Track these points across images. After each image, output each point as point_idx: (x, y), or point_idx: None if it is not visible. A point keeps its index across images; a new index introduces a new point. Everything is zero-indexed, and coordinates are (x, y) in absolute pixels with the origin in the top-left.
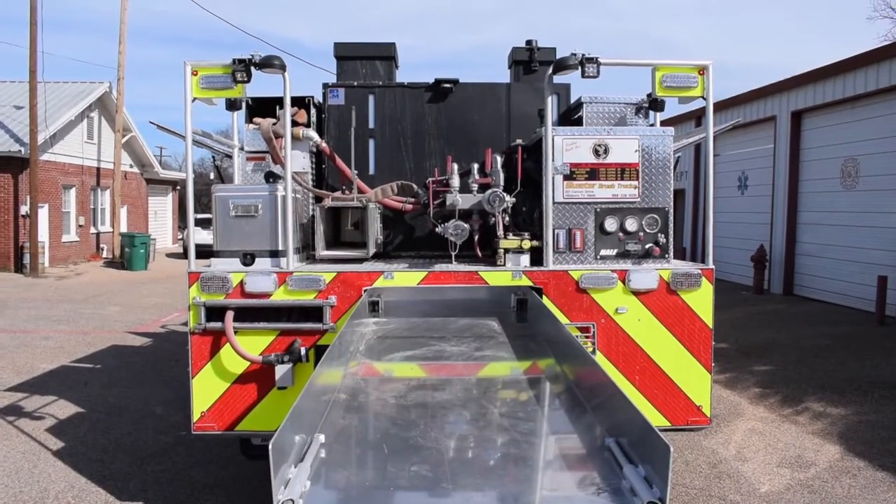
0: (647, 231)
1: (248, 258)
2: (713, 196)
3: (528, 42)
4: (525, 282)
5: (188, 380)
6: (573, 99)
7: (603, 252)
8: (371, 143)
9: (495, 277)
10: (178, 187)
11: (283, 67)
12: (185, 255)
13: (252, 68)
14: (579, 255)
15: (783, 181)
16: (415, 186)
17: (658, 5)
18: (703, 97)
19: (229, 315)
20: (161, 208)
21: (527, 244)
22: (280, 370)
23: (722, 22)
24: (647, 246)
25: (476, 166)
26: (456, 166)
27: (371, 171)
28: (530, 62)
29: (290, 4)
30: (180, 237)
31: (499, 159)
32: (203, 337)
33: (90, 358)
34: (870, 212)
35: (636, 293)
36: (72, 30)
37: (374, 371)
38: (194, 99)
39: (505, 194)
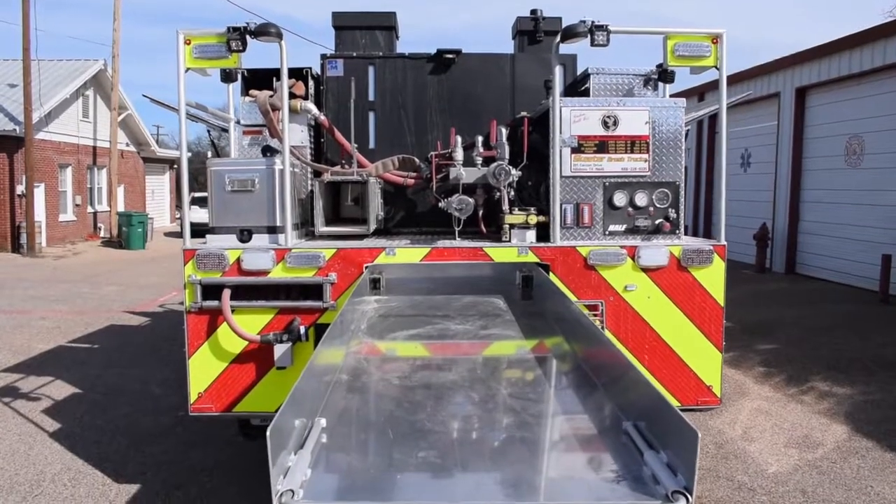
0: (658, 206)
1: (244, 234)
2: (722, 172)
3: (533, 11)
4: (531, 258)
5: (185, 360)
6: (580, 70)
7: (612, 228)
8: (371, 115)
9: (500, 254)
10: (176, 166)
11: (279, 35)
12: (182, 233)
13: (247, 37)
14: (587, 230)
15: (787, 159)
16: (416, 160)
17: None
18: (716, 67)
19: (226, 293)
20: (158, 187)
21: (533, 219)
22: (279, 350)
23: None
24: (657, 221)
25: (480, 139)
26: (459, 139)
27: (371, 144)
28: (535, 32)
29: None
30: (178, 216)
31: (504, 131)
32: (199, 316)
33: (88, 338)
34: (874, 190)
35: (646, 270)
36: (66, 7)
37: (376, 350)
38: (187, 69)
39: (511, 167)
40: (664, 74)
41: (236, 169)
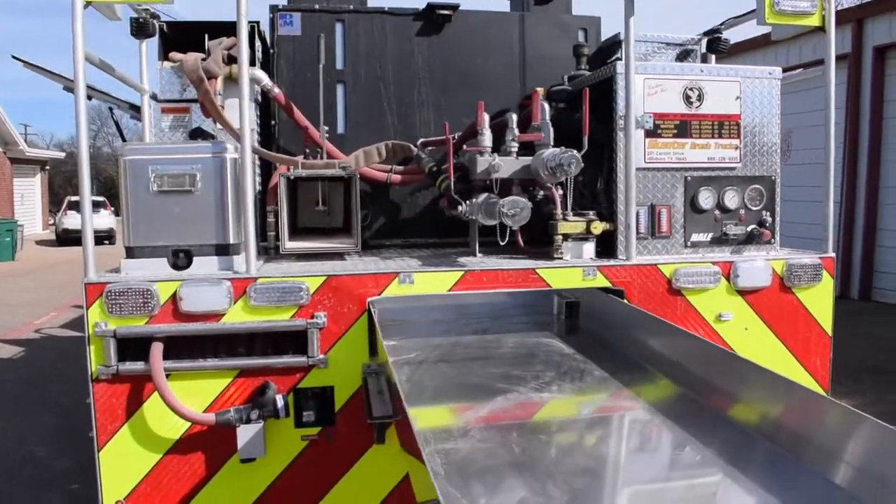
0: (750, 208)
1: (181, 258)
2: (830, 157)
3: None
4: (600, 282)
5: (92, 450)
6: (605, 36)
7: (695, 237)
8: (339, 89)
9: (559, 277)
10: (48, 167)
11: None
12: (57, 241)
13: None
14: (664, 241)
15: (864, 145)
16: (413, 148)
17: None
18: (821, 28)
19: (157, 350)
20: (28, 190)
21: (598, 227)
22: (244, 433)
23: None
24: (749, 228)
25: (514, 118)
26: (487, 117)
27: (339, 128)
28: None
29: None
30: (52, 222)
31: (547, 108)
32: (114, 386)
33: None
34: None
35: (743, 293)
36: None
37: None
38: (87, 4)
39: (579, 156)
40: (713, 44)
41: (167, 158)
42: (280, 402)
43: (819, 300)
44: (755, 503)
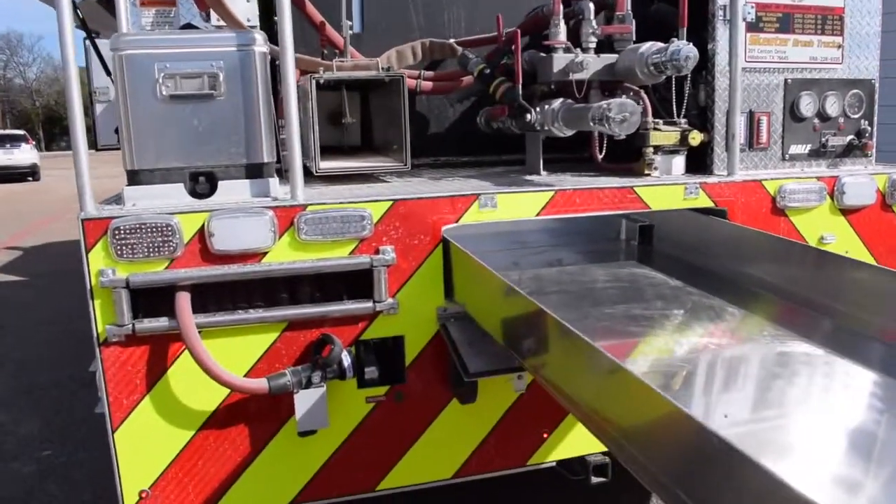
0: (849, 115)
1: (201, 182)
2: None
3: None
4: (703, 201)
5: (106, 430)
6: None
7: (793, 149)
8: None
9: (660, 196)
10: None
11: None
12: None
13: None
14: (762, 153)
15: None
16: (457, 47)
17: None
18: None
19: (184, 301)
20: None
21: (696, 138)
22: (304, 400)
23: None
24: (848, 138)
25: (591, 6)
26: (561, 6)
27: (356, 26)
28: None
29: None
30: None
31: None
32: (129, 349)
33: None
34: None
35: (846, 212)
36: None
37: None
38: None
39: (694, 49)
40: None
41: (179, 53)
42: (347, 361)
43: None
44: None
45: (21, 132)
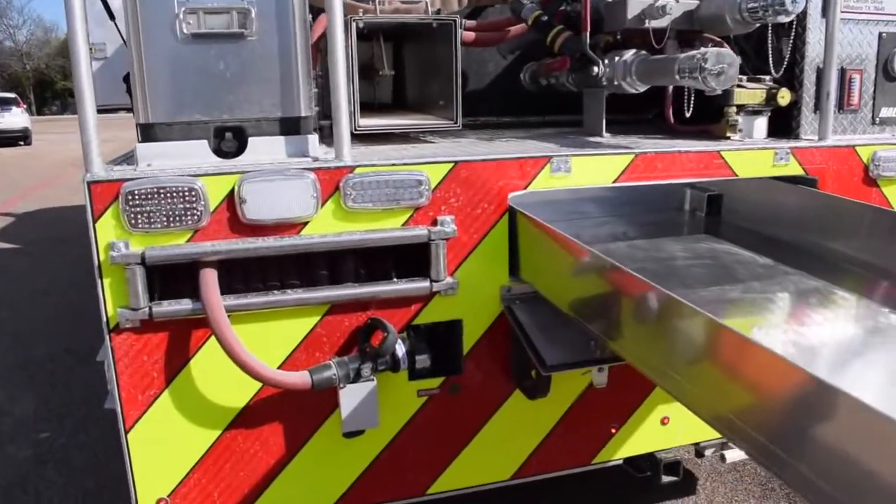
0: None
1: (228, 139)
2: None
3: None
4: (793, 168)
5: (119, 433)
6: None
7: (884, 111)
8: None
9: (748, 162)
10: None
11: None
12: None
13: None
14: (852, 116)
15: None
16: None
17: None
18: None
19: (211, 279)
20: None
21: (785, 97)
22: (351, 397)
23: None
24: None
25: None
26: None
27: None
28: None
29: None
30: None
31: None
32: (145, 337)
33: None
34: None
35: None
36: None
37: None
38: None
39: None
40: None
41: None
42: (401, 350)
43: None
44: None
45: (12, 95)
